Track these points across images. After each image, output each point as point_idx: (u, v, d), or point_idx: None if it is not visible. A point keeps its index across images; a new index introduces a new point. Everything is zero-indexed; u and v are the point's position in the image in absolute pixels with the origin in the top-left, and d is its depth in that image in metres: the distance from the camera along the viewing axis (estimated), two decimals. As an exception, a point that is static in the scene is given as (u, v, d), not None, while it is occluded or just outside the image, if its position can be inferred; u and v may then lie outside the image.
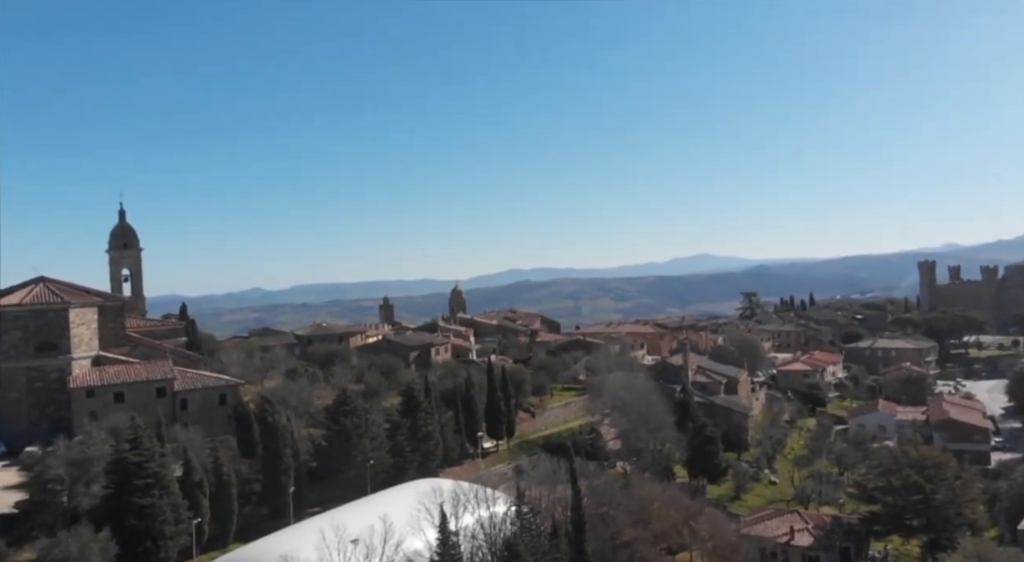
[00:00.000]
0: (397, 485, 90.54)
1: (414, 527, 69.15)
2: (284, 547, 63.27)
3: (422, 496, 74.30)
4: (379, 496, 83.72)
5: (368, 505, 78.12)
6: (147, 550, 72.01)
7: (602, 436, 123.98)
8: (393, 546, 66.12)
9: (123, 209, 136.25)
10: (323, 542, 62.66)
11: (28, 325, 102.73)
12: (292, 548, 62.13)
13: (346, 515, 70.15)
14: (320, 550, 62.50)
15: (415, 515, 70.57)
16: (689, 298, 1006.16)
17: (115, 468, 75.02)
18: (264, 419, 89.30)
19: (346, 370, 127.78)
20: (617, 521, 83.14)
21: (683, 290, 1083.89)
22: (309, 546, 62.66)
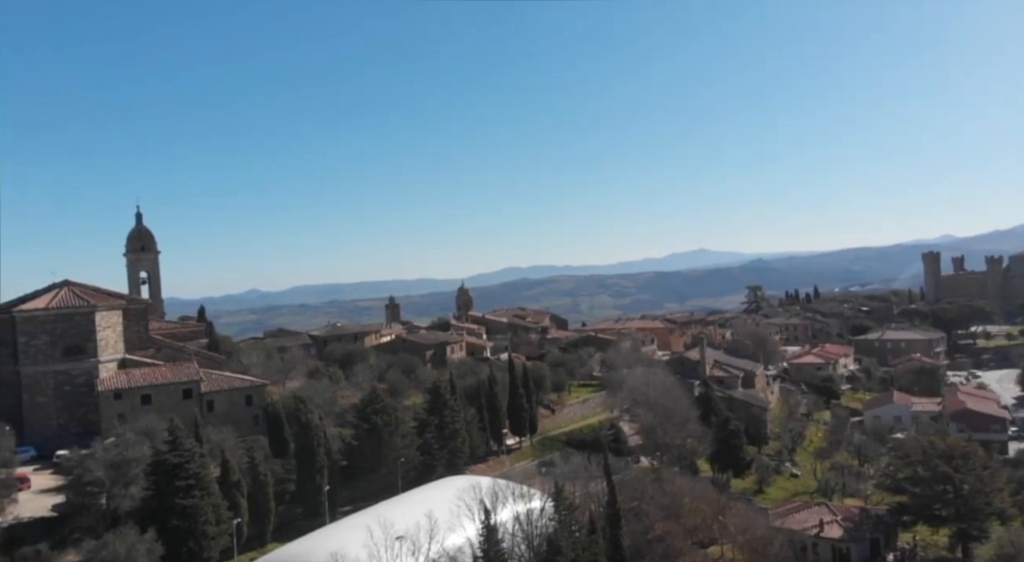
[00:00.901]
0: (432, 482, 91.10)
1: (456, 523, 69.77)
2: (332, 545, 63.78)
3: (461, 492, 74.79)
4: (418, 493, 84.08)
5: (409, 502, 78.56)
6: (190, 551, 72.43)
7: (623, 432, 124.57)
8: (439, 542, 66.74)
9: (140, 212, 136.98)
10: (370, 539, 63.24)
11: (55, 329, 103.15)
12: (340, 546, 62.64)
13: (390, 512, 70.51)
14: (368, 547, 63.05)
15: (456, 511, 71.21)
16: (687, 293, 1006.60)
17: (155, 469, 75.38)
18: (298, 418, 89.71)
19: (366, 369, 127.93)
20: (649, 516, 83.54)
21: (681, 286, 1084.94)
22: (357, 543, 63.18)
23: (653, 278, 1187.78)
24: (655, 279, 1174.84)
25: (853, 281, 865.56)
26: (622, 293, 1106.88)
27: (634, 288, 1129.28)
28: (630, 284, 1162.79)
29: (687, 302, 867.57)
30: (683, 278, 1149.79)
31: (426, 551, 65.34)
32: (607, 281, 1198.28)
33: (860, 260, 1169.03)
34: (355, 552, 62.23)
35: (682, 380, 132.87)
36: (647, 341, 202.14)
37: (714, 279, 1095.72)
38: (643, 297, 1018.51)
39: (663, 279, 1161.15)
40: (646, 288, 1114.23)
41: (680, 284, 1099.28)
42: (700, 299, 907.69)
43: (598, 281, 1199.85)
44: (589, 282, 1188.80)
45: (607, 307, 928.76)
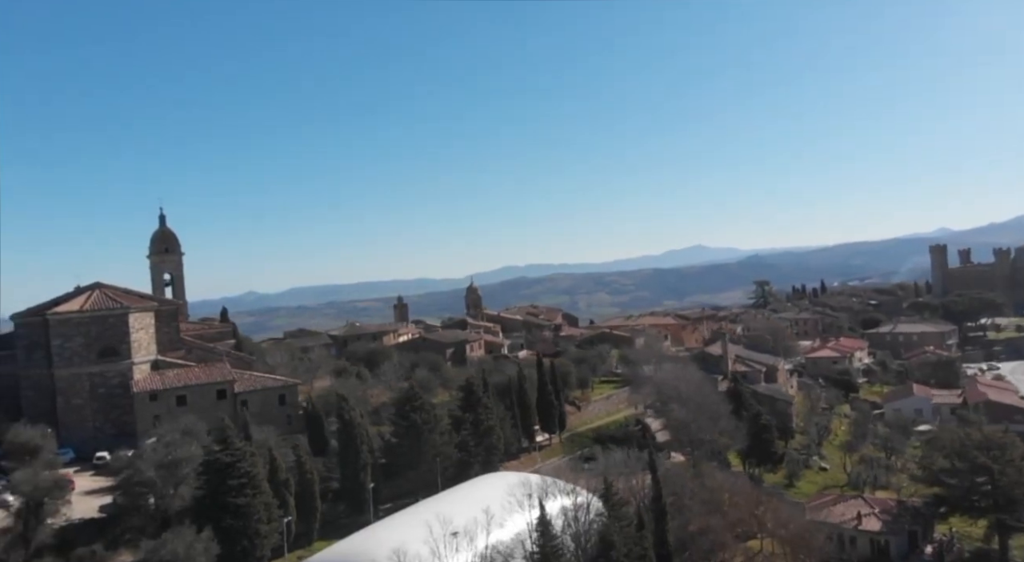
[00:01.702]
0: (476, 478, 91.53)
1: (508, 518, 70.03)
2: (393, 540, 64.04)
3: (512, 488, 75.21)
4: (466, 489, 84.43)
5: (459, 498, 78.85)
6: (244, 549, 72.72)
7: (649, 427, 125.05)
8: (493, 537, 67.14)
9: (163, 214, 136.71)
10: (430, 535, 63.65)
11: (90, 331, 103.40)
12: (401, 541, 62.88)
13: (445, 507, 70.77)
14: (428, 543, 63.45)
15: (507, 506, 71.53)
16: (685, 290, 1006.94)
17: (207, 469, 75.67)
18: (340, 416, 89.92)
19: (392, 368, 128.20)
20: (691, 510, 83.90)
21: (679, 282, 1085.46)
22: (417, 539, 63.47)
23: (651, 275, 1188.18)
24: (653, 276, 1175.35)
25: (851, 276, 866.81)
26: (620, 291, 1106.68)
27: (632, 285, 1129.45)
28: (628, 281, 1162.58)
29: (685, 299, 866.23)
30: (681, 275, 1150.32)
31: (483, 546, 65.80)
32: (605, 279, 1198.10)
33: (857, 255, 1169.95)
34: (416, 548, 62.55)
35: (706, 375, 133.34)
36: (661, 338, 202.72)
37: (712, 275, 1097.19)
38: (641, 294, 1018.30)
39: (661, 276, 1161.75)
40: (644, 285, 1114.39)
41: (678, 281, 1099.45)
42: (698, 295, 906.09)
43: (596, 279, 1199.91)
44: (587, 280, 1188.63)
45: (605, 305, 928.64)
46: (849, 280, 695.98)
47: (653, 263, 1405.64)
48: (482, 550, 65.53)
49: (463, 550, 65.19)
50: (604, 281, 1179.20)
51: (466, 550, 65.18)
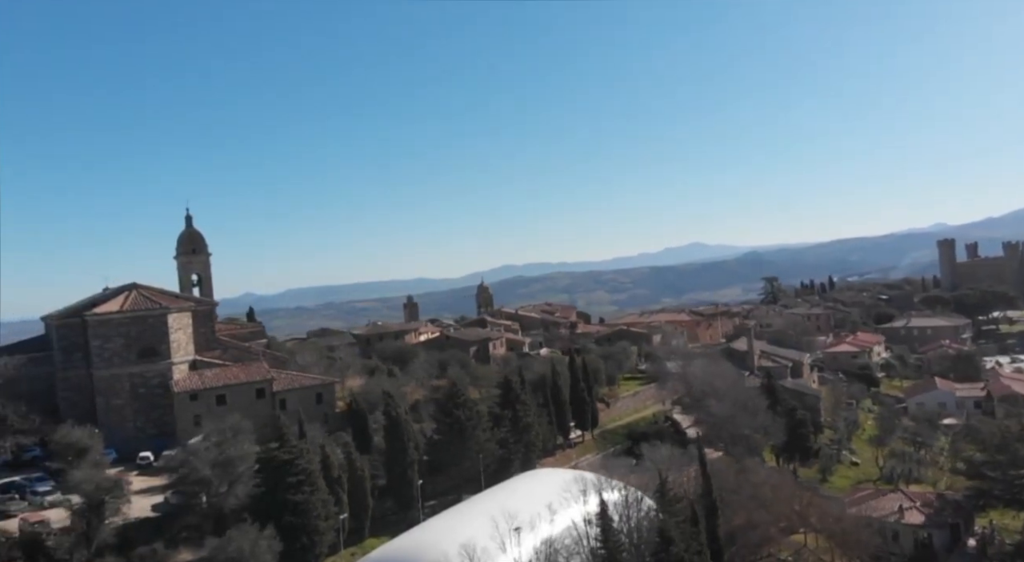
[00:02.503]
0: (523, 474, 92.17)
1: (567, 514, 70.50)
2: (461, 535, 64.50)
3: (567, 484, 75.82)
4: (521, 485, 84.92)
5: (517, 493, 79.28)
6: (304, 546, 73.20)
7: (679, 423, 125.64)
8: (554, 532, 67.68)
9: (189, 215, 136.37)
10: (496, 530, 64.24)
11: (130, 332, 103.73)
12: (469, 537, 63.36)
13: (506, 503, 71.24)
14: (494, 538, 64.03)
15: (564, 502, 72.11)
16: (683, 287, 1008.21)
17: (265, 466, 76.20)
18: (388, 414, 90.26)
19: (422, 366, 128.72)
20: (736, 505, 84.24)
21: (677, 280, 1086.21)
22: (483, 535, 64.01)
23: (649, 273, 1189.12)
24: (651, 274, 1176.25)
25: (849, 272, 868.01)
26: (618, 289, 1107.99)
27: (630, 283, 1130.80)
28: (626, 279, 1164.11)
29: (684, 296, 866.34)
30: (679, 272, 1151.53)
31: (544, 540, 66.27)
32: (603, 277, 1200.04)
33: (855, 250, 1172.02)
34: (483, 543, 63.06)
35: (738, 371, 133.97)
36: (677, 334, 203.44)
37: (710, 272, 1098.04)
38: (640, 292, 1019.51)
39: (659, 274, 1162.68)
40: (642, 283, 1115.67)
41: (676, 278, 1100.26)
42: (697, 292, 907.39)
43: (594, 277, 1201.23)
44: (586, 278, 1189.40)
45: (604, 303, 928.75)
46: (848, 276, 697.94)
47: (651, 261, 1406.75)
48: (544, 545, 65.94)
49: (526, 545, 65.87)
50: (602, 279, 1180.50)
51: (529, 545, 65.81)
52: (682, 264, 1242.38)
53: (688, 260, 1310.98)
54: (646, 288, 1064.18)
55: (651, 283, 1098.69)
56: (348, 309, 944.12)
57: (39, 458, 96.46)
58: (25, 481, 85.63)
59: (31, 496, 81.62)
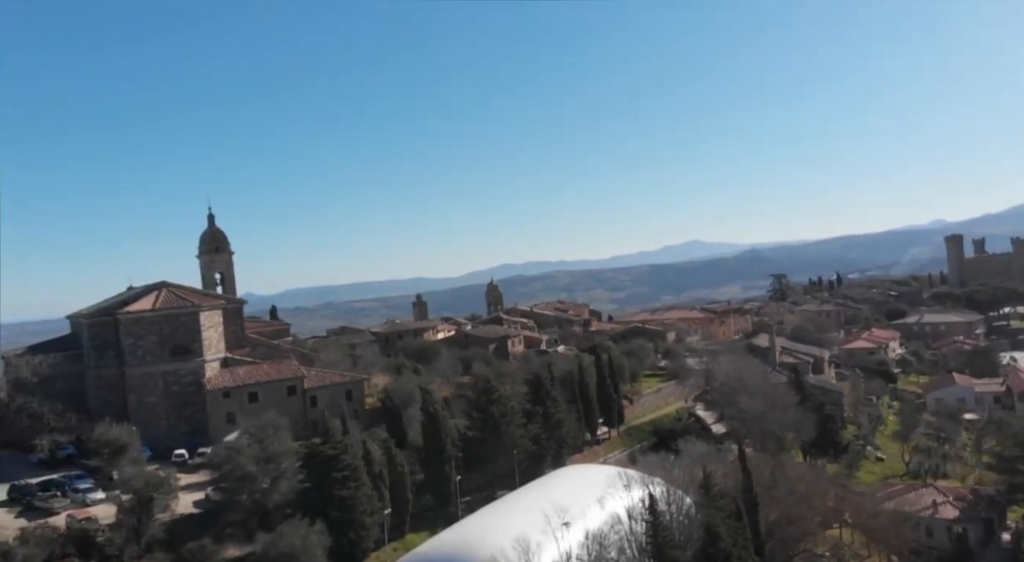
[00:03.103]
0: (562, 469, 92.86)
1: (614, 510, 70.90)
2: (513, 529, 64.95)
3: (610, 479, 76.33)
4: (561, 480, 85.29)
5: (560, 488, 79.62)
6: (351, 541, 73.59)
7: (703, 420, 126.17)
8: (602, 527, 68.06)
9: (212, 214, 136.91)
10: (547, 524, 64.67)
11: (162, 330, 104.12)
12: (521, 530, 63.75)
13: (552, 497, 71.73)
14: (545, 532, 64.46)
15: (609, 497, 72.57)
16: (683, 285, 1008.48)
17: (310, 462, 76.58)
18: (426, 410, 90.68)
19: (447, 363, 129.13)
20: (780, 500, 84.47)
21: (676, 278, 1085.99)
22: (535, 529, 64.44)
23: (648, 271, 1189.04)
24: (650, 272, 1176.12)
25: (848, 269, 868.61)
26: (618, 287, 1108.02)
27: (629, 281, 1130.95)
28: (625, 278, 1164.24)
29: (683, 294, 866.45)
30: (678, 270, 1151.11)
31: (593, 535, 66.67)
32: (602, 275, 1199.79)
33: (854, 247, 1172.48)
34: (535, 536, 63.47)
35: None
36: (691, 331, 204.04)
37: (709, 270, 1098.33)
38: (639, 290, 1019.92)
39: (658, 272, 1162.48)
40: (642, 281, 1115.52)
41: (675, 276, 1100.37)
42: (696, 290, 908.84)
43: (593, 275, 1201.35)
44: (585, 277, 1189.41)
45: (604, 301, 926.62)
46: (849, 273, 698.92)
47: (650, 259, 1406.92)
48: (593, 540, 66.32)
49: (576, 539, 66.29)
50: (601, 278, 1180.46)
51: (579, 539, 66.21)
52: (681, 262, 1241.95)
53: (687, 258, 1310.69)
54: (645, 286, 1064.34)
55: (650, 281, 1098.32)
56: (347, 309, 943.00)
57: (73, 456, 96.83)
58: (65, 479, 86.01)
59: (72, 493, 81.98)
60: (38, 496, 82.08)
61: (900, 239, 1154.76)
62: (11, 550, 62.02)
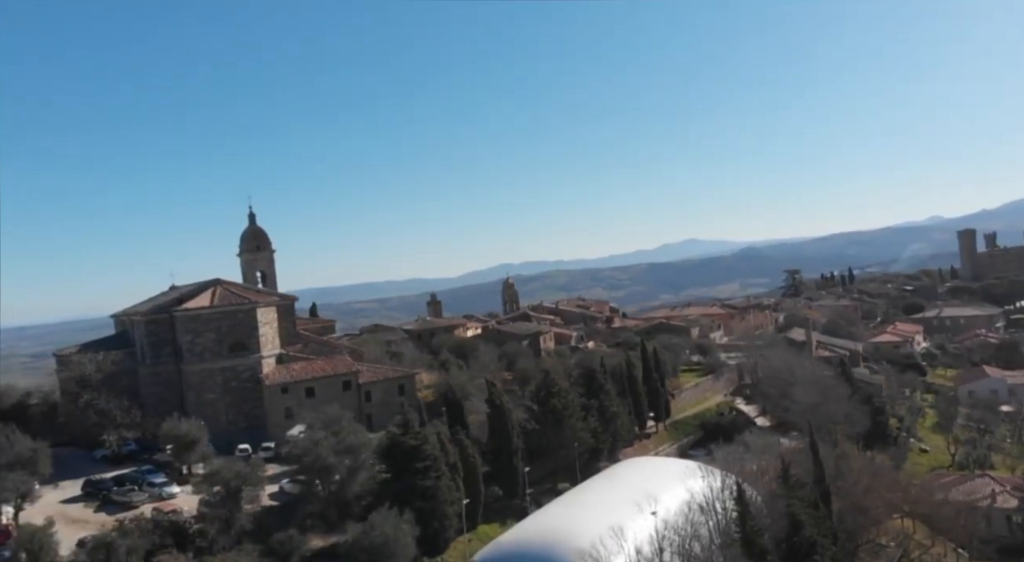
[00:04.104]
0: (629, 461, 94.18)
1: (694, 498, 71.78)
2: (607, 517, 66.05)
3: (683, 471, 77.50)
4: (632, 471, 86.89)
5: (636, 479, 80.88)
6: (435, 531, 74.44)
7: (745, 413, 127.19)
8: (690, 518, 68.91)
9: (252, 213, 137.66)
10: (639, 514, 65.73)
11: (221, 327, 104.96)
12: (617, 520, 64.64)
13: (639, 488, 72.87)
14: (637, 521, 65.50)
15: (688, 487, 73.52)
16: (681, 283, 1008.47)
17: (391, 453, 77.49)
18: (492, 402, 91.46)
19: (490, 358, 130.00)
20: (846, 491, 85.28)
21: (674, 276, 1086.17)
22: (629, 519, 65.42)
23: (646, 270, 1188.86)
24: (648, 270, 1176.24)
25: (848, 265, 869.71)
26: (616, 286, 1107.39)
27: (628, 280, 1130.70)
28: (624, 276, 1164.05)
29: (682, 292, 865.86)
30: (676, 269, 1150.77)
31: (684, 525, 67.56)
32: (601, 274, 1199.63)
33: (852, 244, 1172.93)
34: (631, 525, 64.46)
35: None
36: (714, 327, 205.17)
37: (707, 268, 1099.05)
38: (637, 289, 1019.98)
39: (656, 270, 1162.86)
40: (640, 280, 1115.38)
41: (673, 274, 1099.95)
42: (695, 289, 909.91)
43: (592, 274, 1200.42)
44: (583, 276, 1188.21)
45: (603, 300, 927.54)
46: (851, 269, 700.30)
47: (648, 257, 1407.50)
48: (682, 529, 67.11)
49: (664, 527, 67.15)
50: (600, 276, 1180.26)
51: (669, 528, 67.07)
52: (679, 260, 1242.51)
53: (685, 256, 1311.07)
54: (644, 285, 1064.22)
55: (649, 280, 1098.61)
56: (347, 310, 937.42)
57: (135, 452, 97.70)
58: (137, 474, 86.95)
59: (148, 488, 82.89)
60: (115, 491, 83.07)
61: (898, 236, 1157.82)
62: (114, 542, 62.73)
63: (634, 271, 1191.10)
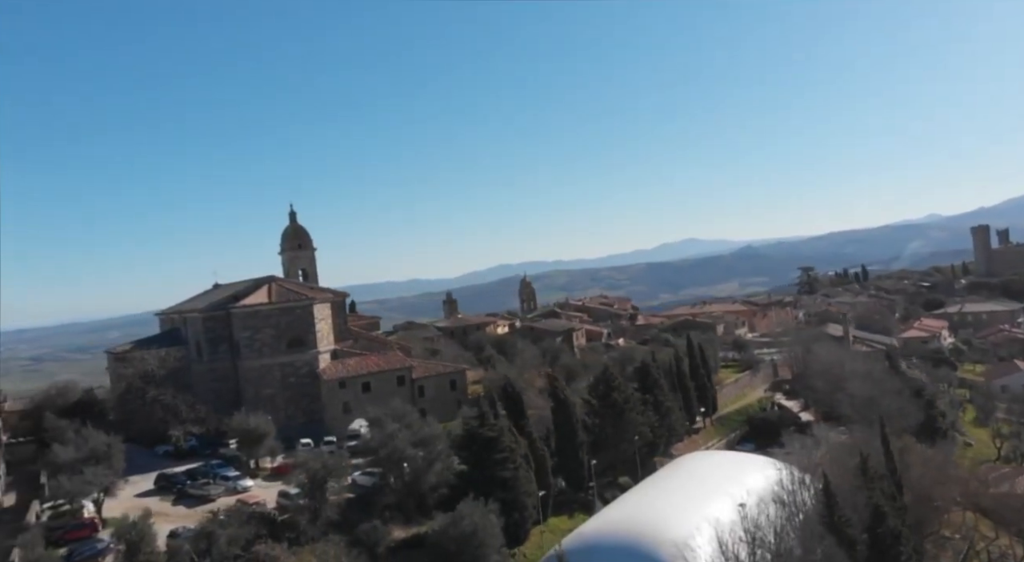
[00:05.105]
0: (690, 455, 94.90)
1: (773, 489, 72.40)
2: (698, 511, 66.68)
3: (755, 464, 78.25)
4: (701, 465, 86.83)
5: (711, 472, 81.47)
6: (515, 521, 75.17)
7: (788, 408, 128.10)
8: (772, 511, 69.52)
9: (293, 211, 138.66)
10: (732, 506, 66.25)
11: (279, 323, 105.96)
12: (708, 512, 65.22)
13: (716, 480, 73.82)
14: (730, 514, 66.08)
15: (763, 479, 74.26)
16: (680, 283, 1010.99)
17: (468, 444, 78.29)
18: (556, 396, 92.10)
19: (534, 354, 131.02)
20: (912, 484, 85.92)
21: (673, 276, 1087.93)
22: (719, 511, 66.01)
23: (645, 269, 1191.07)
24: (647, 270, 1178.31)
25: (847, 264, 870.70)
26: (616, 286, 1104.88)
27: (627, 280, 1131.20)
28: (623, 276, 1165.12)
29: (681, 292, 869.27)
30: (675, 268, 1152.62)
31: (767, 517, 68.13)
32: (600, 274, 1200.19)
33: (850, 243, 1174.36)
34: (726, 517, 64.95)
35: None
36: (739, 323, 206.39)
37: (706, 268, 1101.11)
38: (637, 289, 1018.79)
39: (655, 270, 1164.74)
40: (639, 279, 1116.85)
41: (672, 274, 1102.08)
42: (694, 288, 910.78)
43: (591, 274, 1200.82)
44: (582, 276, 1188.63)
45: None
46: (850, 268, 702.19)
47: (646, 257, 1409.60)
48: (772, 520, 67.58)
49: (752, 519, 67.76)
50: (599, 276, 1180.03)
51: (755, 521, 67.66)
52: (678, 260, 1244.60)
53: (683, 256, 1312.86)
54: (643, 284, 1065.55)
55: (648, 279, 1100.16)
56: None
57: (195, 447, 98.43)
58: (207, 468, 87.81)
59: (222, 481, 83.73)
60: (189, 484, 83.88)
61: (896, 234, 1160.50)
62: (214, 532, 63.48)
63: (633, 271, 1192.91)
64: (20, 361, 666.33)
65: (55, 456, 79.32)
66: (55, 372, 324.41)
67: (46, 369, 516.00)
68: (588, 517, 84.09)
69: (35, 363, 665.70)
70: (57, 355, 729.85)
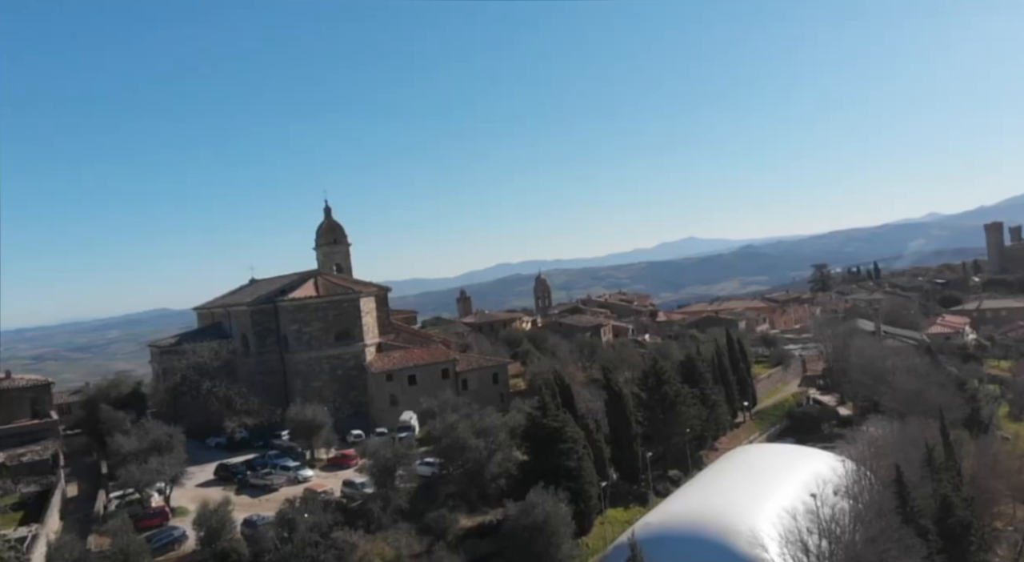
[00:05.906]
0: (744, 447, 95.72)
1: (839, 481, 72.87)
2: (779, 500, 67.20)
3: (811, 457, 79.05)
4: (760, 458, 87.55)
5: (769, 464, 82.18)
6: (580, 511, 75.49)
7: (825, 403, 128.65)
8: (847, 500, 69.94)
9: (328, 207, 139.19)
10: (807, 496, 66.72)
11: (327, 316, 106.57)
12: (790, 503, 65.55)
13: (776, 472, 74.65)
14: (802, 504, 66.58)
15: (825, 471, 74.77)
16: (680, 282, 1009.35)
17: (532, 434, 78.83)
18: (610, 388, 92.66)
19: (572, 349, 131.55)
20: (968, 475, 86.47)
21: (673, 274, 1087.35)
22: (791, 502, 66.46)
23: (645, 268, 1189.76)
24: (647, 269, 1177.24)
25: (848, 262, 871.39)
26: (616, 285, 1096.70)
27: (627, 279, 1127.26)
28: (623, 275, 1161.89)
29: (681, 291, 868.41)
30: (675, 267, 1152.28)
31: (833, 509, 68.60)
32: (600, 273, 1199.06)
33: (850, 241, 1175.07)
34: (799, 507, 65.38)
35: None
36: (759, 320, 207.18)
37: (706, 266, 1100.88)
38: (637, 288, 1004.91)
39: (655, 269, 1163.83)
40: (639, 279, 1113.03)
41: (672, 273, 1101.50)
42: (694, 287, 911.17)
43: (591, 274, 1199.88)
44: (582, 275, 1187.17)
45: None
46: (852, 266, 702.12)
47: (646, 256, 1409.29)
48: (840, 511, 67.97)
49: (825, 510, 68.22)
50: (599, 276, 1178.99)
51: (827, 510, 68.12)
52: (678, 259, 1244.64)
53: (683, 255, 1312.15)
54: (643, 283, 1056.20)
55: (648, 278, 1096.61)
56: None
57: (245, 438, 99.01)
58: (266, 458, 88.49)
59: (283, 471, 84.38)
60: (250, 474, 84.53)
61: (896, 232, 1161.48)
62: (294, 518, 64.05)
63: (633, 270, 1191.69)
64: (21, 361, 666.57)
65: (119, 446, 79.93)
66: (56, 372, 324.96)
67: (46, 369, 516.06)
68: (643, 509, 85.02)
69: (35, 363, 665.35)
70: (57, 355, 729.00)
